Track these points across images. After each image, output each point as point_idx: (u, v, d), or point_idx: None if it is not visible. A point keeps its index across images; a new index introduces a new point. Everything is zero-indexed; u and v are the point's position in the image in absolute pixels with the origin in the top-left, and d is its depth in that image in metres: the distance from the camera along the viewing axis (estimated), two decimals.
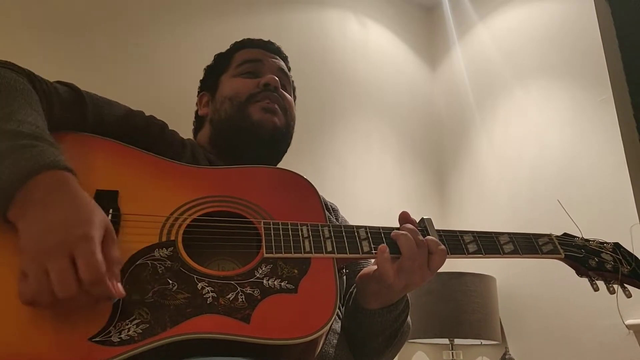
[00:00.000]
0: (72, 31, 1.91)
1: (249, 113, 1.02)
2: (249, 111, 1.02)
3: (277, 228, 0.76)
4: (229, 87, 1.07)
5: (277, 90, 1.05)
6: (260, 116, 1.01)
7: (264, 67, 1.09)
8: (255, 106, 1.02)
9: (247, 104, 1.03)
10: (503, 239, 0.85)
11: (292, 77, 1.17)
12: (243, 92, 1.04)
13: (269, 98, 1.03)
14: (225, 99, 1.06)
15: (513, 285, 2.27)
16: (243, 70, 1.08)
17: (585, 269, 0.86)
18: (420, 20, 3.12)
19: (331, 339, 0.90)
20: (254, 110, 1.02)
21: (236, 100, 1.04)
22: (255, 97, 1.03)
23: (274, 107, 1.03)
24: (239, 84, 1.06)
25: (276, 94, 1.04)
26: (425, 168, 2.78)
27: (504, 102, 2.59)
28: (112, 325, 0.60)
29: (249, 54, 1.11)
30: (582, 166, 2.13)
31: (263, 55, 1.11)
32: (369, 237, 0.80)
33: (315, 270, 0.73)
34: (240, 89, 1.05)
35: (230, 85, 1.07)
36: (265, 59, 1.11)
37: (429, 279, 0.81)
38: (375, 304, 0.86)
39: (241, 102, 1.03)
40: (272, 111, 1.03)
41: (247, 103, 1.03)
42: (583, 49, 2.25)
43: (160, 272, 0.67)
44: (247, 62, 1.09)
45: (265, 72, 1.07)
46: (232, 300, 0.66)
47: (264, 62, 1.09)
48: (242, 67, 1.09)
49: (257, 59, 1.10)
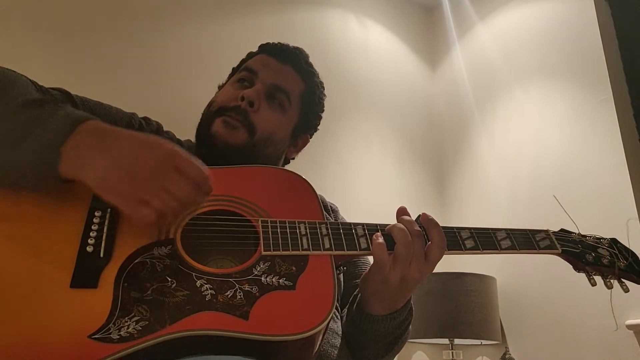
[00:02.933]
0: (73, 36, 1.92)
1: (212, 124, 0.99)
2: (213, 122, 0.99)
3: (275, 226, 0.77)
4: (220, 93, 1.07)
5: (252, 105, 0.99)
6: (217, 129, 0.98)
7: (258, 80, 1.04)
8: (220, 119, 0.99)
9: (216, 114, 1.00)
10: (500, 235, 0.85)
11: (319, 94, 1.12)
12: (220, 101, 1.02)
13: (238, 113, 0.99)
14: (210, 104, 1.05)
15: (513, 285, 2.27)
16: (240, 77, 1.06)
17: (583, 264, 0.87)
18: (420, 20, 3.13)
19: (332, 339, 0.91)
20: (217, 122, 0.99)
21: (211, 107, 1.03)
22: (226, 110, 1.00)
23: (233, 122, 0.98)
24: (224, 91, 1.05)
25: (247, 108, 0.99)
26: (425, 168, 2.78)
27: (504, 102, 2.59)
28: (111, 322, 0.61)
29: (254, 62, 1.08)
30: (582, 166, 2.13)
31: (266, 65, 1.06)
32: (366, 234, 0.81)
33: (313, 267, 0.73)
34: (221, 98, 1.03)
35: (220, 92, 1.07)
36: (265, 70, 1.05)
37: (427, 272, 0.80)
38: (377, 307, 0.86)
39: (211, 112, 1.01)
40: (232, 126, 0.98)
41: (215, 114, 1.00)
42: (583, 49, 2.25)
43: (159, 270, 0.68)
44: (246, 70, 1.07)
45: (257, 85, 1.03)
46: (230, 297, 0.66)
47: (258, 75, 1.04)
48: (241, 74, 1.07)
49: (253, 70, 1.06)
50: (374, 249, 0.78)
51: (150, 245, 0.70)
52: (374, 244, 0.78)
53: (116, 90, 1.84)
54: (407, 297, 0.87)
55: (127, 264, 0.67)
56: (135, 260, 0.68)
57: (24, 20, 1.83)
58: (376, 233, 0.80)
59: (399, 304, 0.86)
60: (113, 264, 0.67)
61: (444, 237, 0.81)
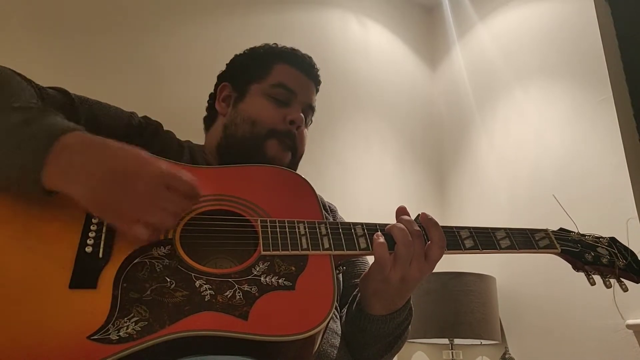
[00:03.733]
0: (73, 35, 1.91)
1: (265, 148, 1.00)
2: (266, 146, 1.01)
3: (274, 225, 0.77)
4: (255, 107, 1.04)
5: (299, 129, 1.04)
6: (274, 153, 1.01)
7: (296, 100, 1.06)
8: (273, 142, 1.01)
9: (266, 137, 1.01)
10: (499, 235, 0.85)
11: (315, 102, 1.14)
12: (267, 122, 1.02)
13: (289, 138, 1.02)
14: (248, 119, 1.03)
15: (513, 285, 2.27)
16: (276, 94, 1.05)
17: (582, 264, 0.87)
18: (420, 20, 3.13)
19: (331, 339, 0.90)
20: (271, 146, 1.01)
21: (257, 128, 1.02)
22: (276, 133, 1.01)
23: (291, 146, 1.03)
24: (266, 110, 1.03)
25: (296, 132, 1.04)
26: (425, 168, 2.78)
27: (504, 102, 2.59)
28: (110, 323, 0.61)
29: (287, 77, 1.07)
30: (582, 166, 2.13)
31: (300, 84, 1.08)
32: (366, 233, 0.81)
33: (313, 267, 0.73)
34: (265, 117, 1.02)
35: (257, 106, 1.04)
36: (302, 90, 1.07)
37: (428, 272, 0.80)
38: (377, 306, 0.86)
39: (261, 134, 1.01)
40: (289, 149, 1.03)
41: (266, 136, 1.01)
42: (583, 49, 2.25)
43: (158, 270, 0.68)
44: (283, 88, 1.05)
45: (294, 105, 1.05)
46: (229, 297, 0.66)
47: (297, 96, 1.06)
48: (276, 89, 1.05)
49: (293, 90, 1.06)
50: (375, 249, 0.78)
51: (149, 246, 0.70)
52: (376, 244, 0.78)
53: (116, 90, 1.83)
54: (406, 297, 0.87)
55: (126, 265, 0.67)
56: (134, 261, 0.68)
57: (24, 20, 1.83)
58: (377, 233, 0.80)
59: (398, 303, 0.86)
60: (112, 264, 0.67)
61: (443, 237, 0.81)
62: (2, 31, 1.76)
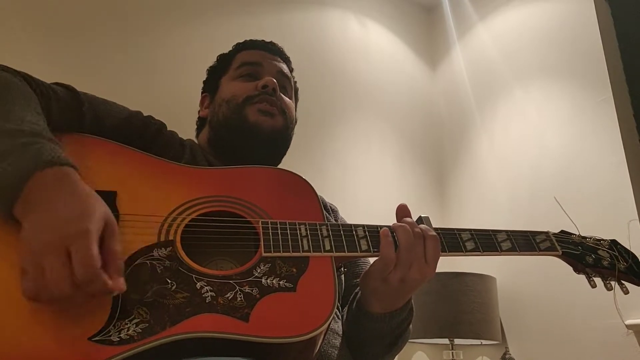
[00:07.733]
0: (72, 33, 1.92)
1: (246, 115, 1.02)
2: (246, 113, 1.02)
3: (276, 227, 0.77)
4: (227, 90, 1.07)
5: (275, 92, 1.04)
6: (256, 118, 1.01)
7: (263, 69, 1.09)
8: (252, 108, 1.02)
9: (244, 105, 1.02)
10: (501, 237, 0.86)
11: (294, 78, 1.17)
12: (240, 94, 1.04)
13: (266, 100, 1.03)
14: (223, 101, 1.06)
15: (513, 285, 2.27)
16: (242, 72, 1.09)
17: (583, 266, 0.87)
18: (420, 20, 3.12)
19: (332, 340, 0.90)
20: (251, 112, 1.02)
21: (233, 102, 1.04)
22: (252, 99, 1.03)
23: (271, 109, 1.03)
24: (237, 86, 1.06)
25: (274, 96, 1.04)
26: (425, 168, 2.78)
27: (504, 102, 2.59)
28: (111, 324, 0.60)
29: (248, 56, 1.11)
30: (582, 166, 2.13)
31: (263, 57, 1.11)
32: (367, 235, 0.81)
33: (314, 269, 0.73)
34: (237, 91, 1.05)
35: (228, 88, 1.07)
36: (265, 61, 1.10)
37: (428, 275, 0.80)
38: (377, 305, 0.86)
39: (238, 104, 1.03)
40: (270, 113, 1.03)
41: (243, 105, 1.03)
42: (583, 49, 2.25)
43: (159, 272, 0.67)
44: (246, 65, 1.09)
45: (264, 75, 1.07)
46: (230, 299, 0.66)
47: (263, 65, 1.09)
48: (241, 69, 1.09)
49: (256, 62, 1.10)
50: (383, 247, 0.79)
51: (150, 247, 0.70)
52: (385, 242, 0.79)
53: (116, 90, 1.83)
54: (406, 297, 0.87)
55: (127, 266, 0.67)
56: (135, 262, 0.68)
57: (24, 20, 1.83)
58: (384, 229, 0.80)
59: (398, 304, 0.86)
60: None
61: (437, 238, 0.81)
62: (2, 31, 1.76)
